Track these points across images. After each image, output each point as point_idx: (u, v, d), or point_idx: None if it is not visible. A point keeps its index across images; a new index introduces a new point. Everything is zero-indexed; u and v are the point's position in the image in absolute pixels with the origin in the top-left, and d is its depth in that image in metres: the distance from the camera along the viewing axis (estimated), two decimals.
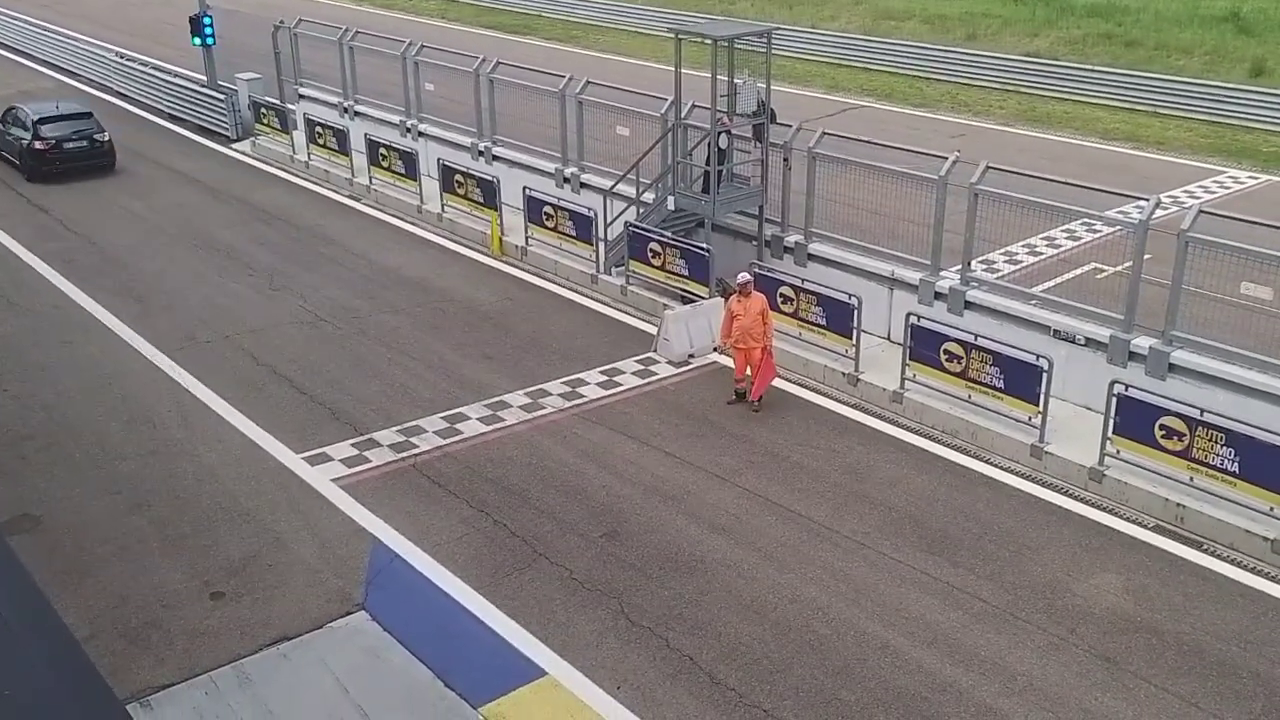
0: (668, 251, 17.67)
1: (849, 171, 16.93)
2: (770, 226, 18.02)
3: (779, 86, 20.38)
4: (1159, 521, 12.37)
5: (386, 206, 23.45)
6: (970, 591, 11.14)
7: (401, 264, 20.24)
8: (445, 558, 11.61)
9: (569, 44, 40.73)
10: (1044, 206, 15.15)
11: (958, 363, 14.21)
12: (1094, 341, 14.27)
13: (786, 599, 11.00)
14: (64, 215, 22.86)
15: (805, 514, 12.45)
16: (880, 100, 32.75)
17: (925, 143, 22.07)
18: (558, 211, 19.77)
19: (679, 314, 16.68)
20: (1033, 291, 15.80)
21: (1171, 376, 13.54)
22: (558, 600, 10.96)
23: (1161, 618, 10.79)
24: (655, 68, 31.73)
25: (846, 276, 16.71)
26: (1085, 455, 13.14)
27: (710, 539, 11.99)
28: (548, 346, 16.73)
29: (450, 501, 12.69)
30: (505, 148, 22.60)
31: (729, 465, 13.47)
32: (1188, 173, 25.21)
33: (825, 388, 15.55)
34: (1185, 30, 35.16)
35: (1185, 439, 12.24)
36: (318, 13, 35.81)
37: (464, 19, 45.40)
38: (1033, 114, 30.81)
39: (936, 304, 15.81)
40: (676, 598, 11.00)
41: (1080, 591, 11.17)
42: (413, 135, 24.48)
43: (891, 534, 12.10)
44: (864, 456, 13.75)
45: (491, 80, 22.47)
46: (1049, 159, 24.61)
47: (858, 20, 40.62)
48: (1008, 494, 12.98)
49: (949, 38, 37.36)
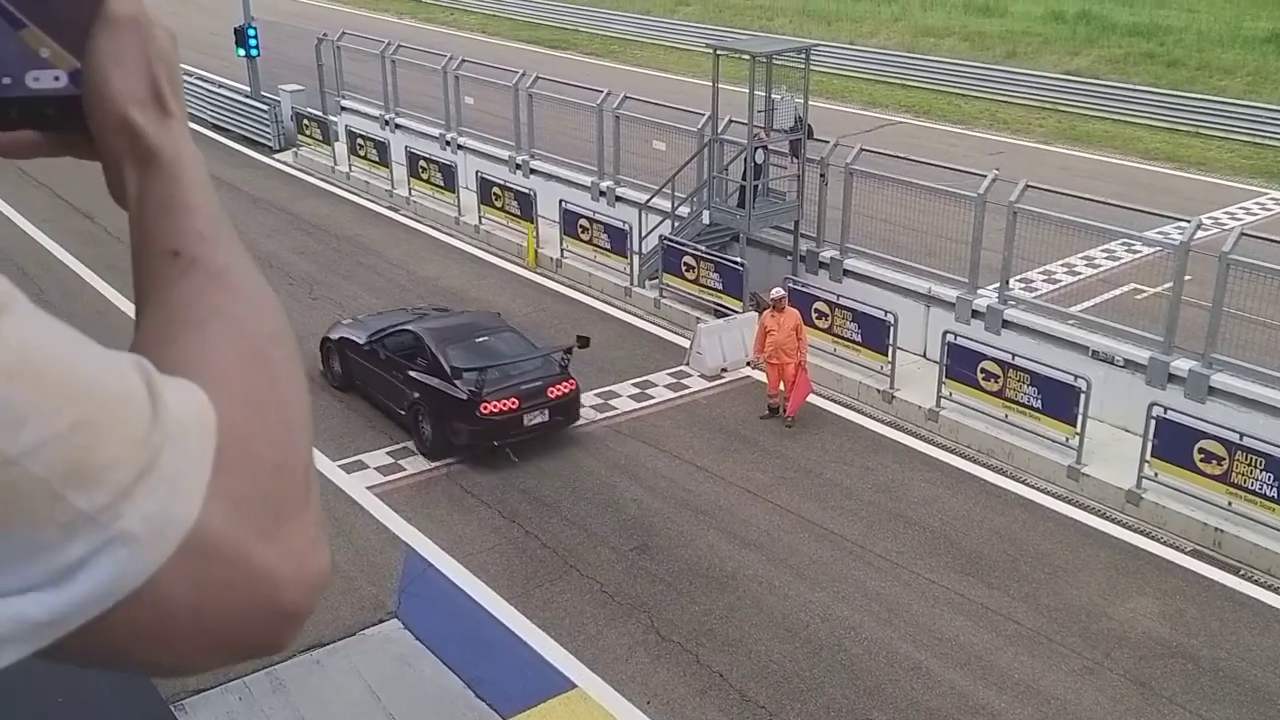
0: (702, 265, 17.69)
1: (886, 188, 16.89)
2: (806, 242, 18.00)
3: (816, 102, 20.39)
4: (1196, 545, 12.23)
5: (425, 218, 23.63)
6: (1005, 613, 11.05)
7: (439, 274, 20.38)
8: (477, 567, 11.66)
9: (607, 59, 40.92)
10: (1083, 226, 15.04)
11: (995, 381, 14.12)
12: (1133, 363, 14.14)
13: (818, 617, 10.95)
14: (109, 223, 23.21)
15: (838, 532, 12.41)
16: (918, 116, 32.65)
17: (963, 160, 21.99)
18: (593, 224, 19.85)
19: (712, 328, 16.69)
20: (1071, 311, 15.68)
21: (1211, 399, 13.39)
22: (588, 613, 10.97)
23: (1198, 643, 10.66)
24: (693, 82, 31.81)
25: (882, 293, 16.65)
26: (1123, 477, 13.01)
27: (742, 555, 11.97)
28: (581, 358, 16.77)
29: (483, 511, 12.75)
30: (542, 161, 22.72)
31: (761, 481, 13.44)
32: (1229, 194, 24.95)
33: (860, 404, 15.49)
34: (1228, 51, 34.82)
35: (1224, 463, 12.10)
36: (360, 26, 36.20)
37: (504, 33, 45.72)
38: (1073, 132, 30.61)
39: (974, 322, 15.71)
40: (707, 613, 10.99)
41: (1116, 615, 11.06)
42: (452, 148, 24.66)
43: (925, 554, 12.03)
44: (898, 475, 13.68)
45: (530, 94, 22.62)
46: (1089, 178, 24.44)
47: (896, 37, 40.54)
48: (1044, 515, 12.87)
49: (989, 55, 37.21)
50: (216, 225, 0.90)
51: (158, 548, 0.67)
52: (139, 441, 0.67)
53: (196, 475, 0.70)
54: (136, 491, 0.67)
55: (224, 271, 0.87)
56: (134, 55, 0.89)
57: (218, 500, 0.71)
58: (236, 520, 0.73)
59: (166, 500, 0.68)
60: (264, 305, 0.88)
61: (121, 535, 0.67)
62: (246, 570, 0.73)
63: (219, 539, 0.71)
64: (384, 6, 51.69)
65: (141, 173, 0.89)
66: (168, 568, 0.68)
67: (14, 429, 0.63)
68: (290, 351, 0.87)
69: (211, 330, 0.82)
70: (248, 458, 0.75)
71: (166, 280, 0.86)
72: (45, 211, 23.65)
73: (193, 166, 0.91)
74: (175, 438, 0.70)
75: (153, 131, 0.89)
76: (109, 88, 0.88)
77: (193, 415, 0.72)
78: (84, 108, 0.89)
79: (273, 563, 0.75)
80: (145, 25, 0.90)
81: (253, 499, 0.75)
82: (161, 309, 0.85)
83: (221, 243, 0.89)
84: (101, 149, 0.91)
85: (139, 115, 0.89)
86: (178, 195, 0.89)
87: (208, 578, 0.71)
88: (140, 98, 0.89)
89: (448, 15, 50.33)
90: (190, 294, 0.85)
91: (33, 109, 0.90)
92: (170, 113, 0.91)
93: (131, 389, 0.69)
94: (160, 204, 0.89)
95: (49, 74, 0.89)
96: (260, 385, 0.80)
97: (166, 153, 0.89)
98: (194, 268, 0.86)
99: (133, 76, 0.89)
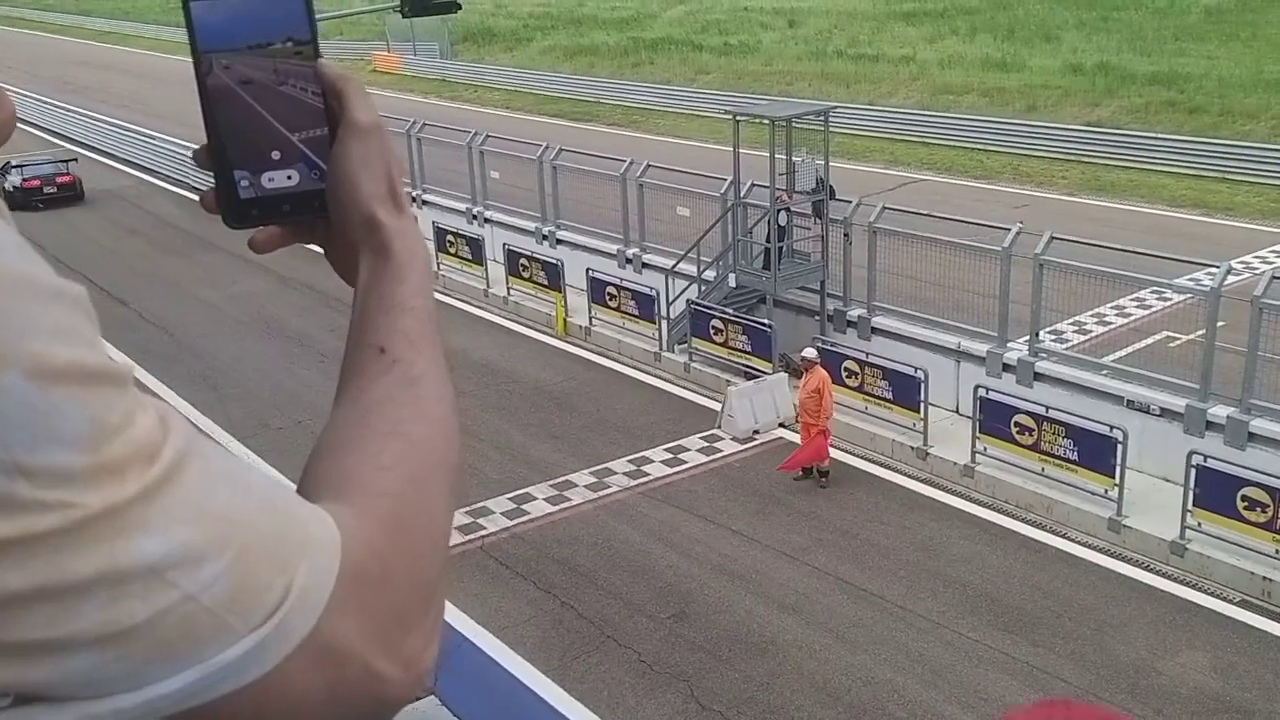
0: (730, 328, 17.72)
1: (910, 245, 16.91)
2: (832, 301, 18.01)
3: (838, 162, 20.53)
4: (1245, 596, 11.96)
5: (454, 291, 23.85)
6: (1051, 671, 10.82)
7: (469, 346, 20.52)
8: (513, 640, 11.57)
9: (629, 129, 41.43)
10: (1112, 275, 14.96)
11: (1029, 435, 13.98)
12: (1169, 411, 13.96)
13: (860, 681, 10.77)
14: (142, 307, 23.58)
15: (877, 593, 12.24)
16: (940, 173, 32.76)
17: (988, 214, 22.00)
18: (620, 291, 19.96)
19: (743, 390, 16.66)
20: (1104, 361, 15.55)
21: (1251, 446, 13.17)
22: (627, 683, 10.84)
23: (1252, 696, 10.38)
24: (714, 149, 32.12)
25: (911, 349, 16.58)
26: (1165, 528, 12.79)
27: (780, 619, 11.82)
28: (613, 425, 16.78)
29: (518, 583, 12.68)
30: (569, 231, 22.94)
31: (797, 543, 13.31)
32: (1258, 238, 24.77)
33: (894, 462, 15.36)
34: (1250, 95, 34.79)
35: (1269, 510, 11.87)
36: (386, 107, 36.78)
37: (527, 108, 46.45)
38: (1097, 183, 30.58)
39: (1005, 376, 15.61)
40: (747, 680, 10.83)
41: (1166, 670, 10.80)
42: (479, 222, 24.97)
43: (967, 612, 11.83)
44: (936, 532, 13.51)
45: (554, 166, 22.91)
46: (1116, 228, 24.36)
47: (915, 96, 40.84)
48: (1086, 569, 12.65)
49: (1008, 110, 37.37)
50: (424, 330, 0.99)
51: (276, 653, 0.74)
52: (287, 566, 0.74)
53: (319, 591, 0.76)
54: (278, 608, 0.73)
55: (419, 381, 0.95)
56: (378, 158, 1.01)
57: (344, 612, 0.78)
58: (360, 631, 0.80)
59: (295, 610, 0.74)
60: (443, 422, 0.95)
61: (255, 640, 0.73)
62: (364, 673, 0.80)
63: (339, 646, 0.78)
64: (409, 87, 52.72)
65: (374, 263, 1.00)
66: (287, 667, 0.74)
67: (195, 567, 0.69)
68: (450, 477, 0.94)
69: (388, 451, 0.90)
70: (383, 579, 0.83)
71: (368, 375, 0.96)
72: None
73: (418, 267, 1.01)
74: (311, 558, 0.76)
75: (391, 226, 1.00)
76: (359, 191, 1.00)
77: (325, 539, 0.79)
78: (330, 205, 1.01)
79: (389, 668, 0.82)
80: (385, 132, 1.02)
81: (382, 613, 0.82)
82: (355, 407, 0.94)
83: (424, 349, 0.97)
84: (339, 239, 1.03)
85: (382, 212, 1.00)
86: (397, 294, 0.98)
87: (324, 679, 0.77)
88: (382, 195, 1.00)
89: (471, 93, 51.25)
90: (383, 398, 0.94)
91: (270, 207, 1.01)
92: (403, 208, 1.02)
93: (280, 521, 0.76)
94: (381, 299, 0.98)
95: (282, 174, 1.00)
96: (413, 512, 0.88)
97: (400, 251, 1.00)
98: (394, 369, 0.95)
99: (377, 177, 1.00)
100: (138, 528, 0.67)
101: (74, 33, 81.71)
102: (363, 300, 1.00)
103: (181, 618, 0.69)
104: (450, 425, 0.96)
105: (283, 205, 1.01)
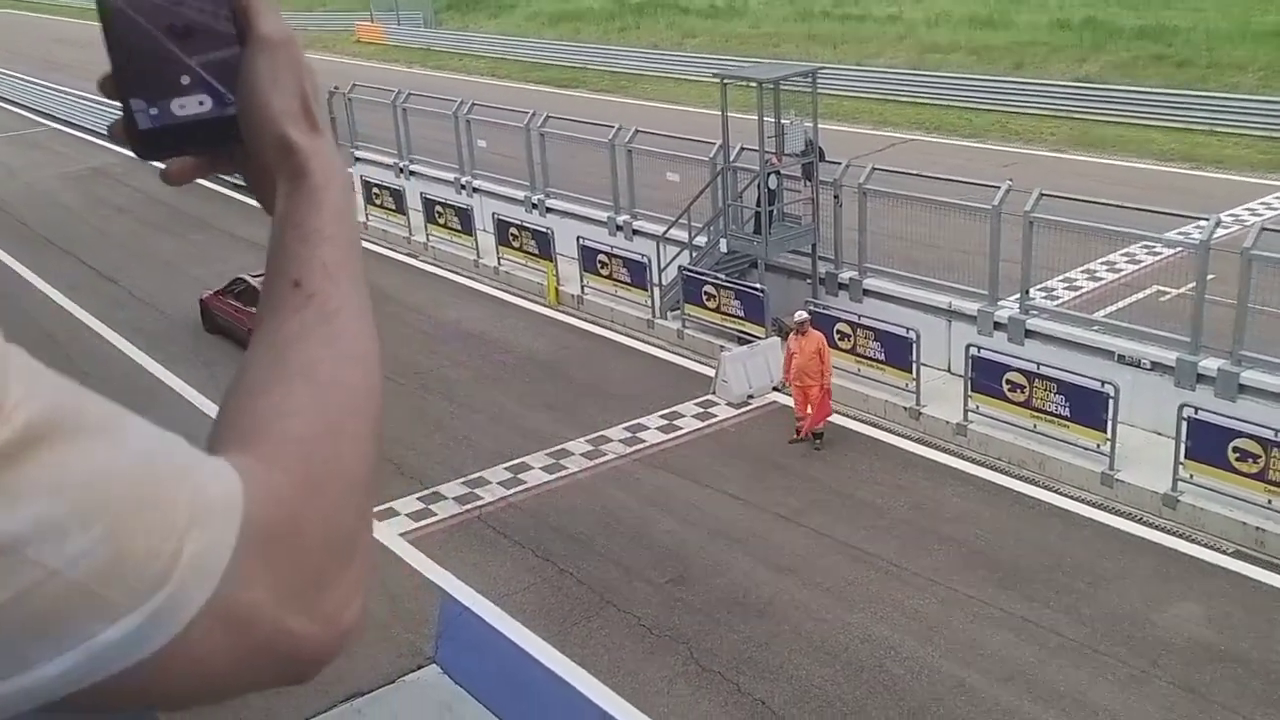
0: (722, 293, 17.72)
1: (901, 205, 16.89)
2: (824, 264, 18.01)
3: (827, 124, 20.46)
4: (1238, 546, 12.07)
5: (444, 262, 23.80)
6: (1046, 625, 10.94)
7: (460, 318, 20.51)
8: (513, 608, 11.66)
9: (617, 94, 41.19)
10: (1102, 231, 14.98)
11: (1021, 392, 14.04)
12: (1160, 365, 14.03)
13: (858, 639, 10.88)
14: (132, 285, 23.51)
15: (873, 552, 12.33)
16: (929, 133, 32.66)
17: (977, 173, 21.95)
18: (612, 259, 19.93)
19: (736, 355, 16.69)
20: (1094, 317, 15.59)
21: (1242, 397, 13.25)
22: (627, 647, 10.94)
23: (1246, 646, 10.50)
24: (703, 113, 31.96)
25: (903, 310, 16.61)
26: (1158, 481, 12.88)
27: (778, 580, 11.91)
28: (607, 393, 16.81)
29: (516, 552, 12.76)
30: (558, 199, 22.87)
31: (793, 505, 13.39)
32: (1248, 190, 24.77)
33: (887, 422, 15.43)
34: (1238, 47, 34.67)
35: (1260, 460, 11.96)
36: (371, 77, 36.64)
37: (514, 76, 46.14)
38: (1085, 139, 30.52)
39: (996, 334, 15.65)
40: (746, 641, 10.93)
41: (1160, 622, 10.92)
42: (467, 191, 24.87)
43: (962, 569, 11.93)
44: (930, 491, 13.60)
45: (542, 134, 22.80)
46: (1105, 183, 24.34)
47: (903, 55, 40.63)
48: (1079, 524, 12.75)
49: (996, 67, 37.20)
50: (343, 260, 0.92)
51: (173, 623, 0.70)
52: (171, 532, 0.69)
53: (218, 554, 0.72)
54: (166, 578, 0.69)
55: (336, 315, 0.89)
56: (288, 75, 0.94)
57: (250, 573, 0.73)
58: (270, 591, 0.75)
59: (188, 578, 0.70)
60: (361, 360, 0.89)
61: (145, 614, 0.69)
62: (276, 634, 0.76)
63: (245, 610, 0.74)
64: (394, 57, 52.32)
65: (290, 189, 0.93)
66: (188, 635, 0.70)
67: (58, 541, 0.65)
68: (367, 421, 0.87)
69: (298, 393, 0.84)
70: (293, 534, 0.77)
71: (282, 312, 0.89)
72: (71, 278, 23.99)
73: (335, 191, 0.95)
74: (203, 520, 0.72)
75: (306, 146, 0.93)
76: (270, 109, 0.93)
77: (223, 496, 0.74)
78: (241, 127, 0.94)
79: (305, 626, 0.78)
80: (295, 46, 0.95)
81: (294, 570, 0.77)
82: (268, 347, 0.87)
83: (342, 281, 0.91)
84: (255, 165, 0.96)
85: (295, 132, 0.93)
86: (314, 221, 0.92)
87: (230, 642, 0.73)
88: (294, 114, 0.94)
89: (457, 62, 50.87)
90: (296, 336, 0.87)
91: (182, 136, 0.94)
92: (318, 126, 0.96)
93: (165, 480, 0.71)
94: (298, 228, 0.92)
95: (193, 99, 0.93)
96: (324, 462, 0.82)
97: (316, 173, 0.93)
98: (310, 304, 0.89)
99: (289, 95, 0.94)
100: None
101: (59, 11, 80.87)
102: (280, 229, 0.93)
103: (51, 596, 0.65)
104: (370, 364, 0.90)
105: (196, 133, 0.94)
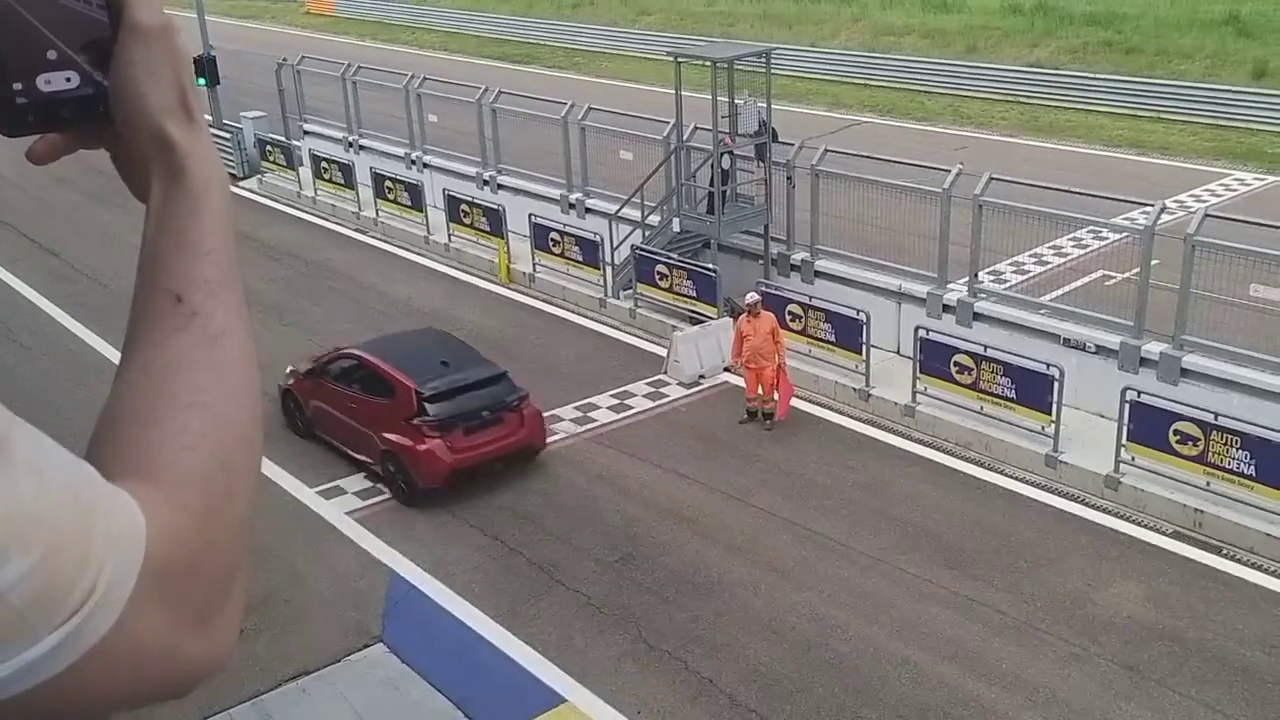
0: (675, 273, 17.70)
1: (853, 188, 16.95)
2: (776, 245, 18.04)
3: (781, 105, 20.46)
4: (1177, 527, 12.30)
5: (394, 238, 23.57)
6: (989, 604, 11.08)
7: (411, 295, 20.32)
8: (461, 587, 11.61)
9: (571, 71, 40.95)
10: (1049, 216, 15.13)
11: (969, 374, 14.18)
12: (1105, 348, 14.23)
13: (805, 618, 10.96)
14: (74, 259, 23.04)
15: (821, 532, 12.42)
16: (882, 115, 32.81)
17: (929, 156, 22.09)
18: (564, 237, 19.84)
19: (688, 335, 16.69)
20: (1041, 301, 15.77)
21: (1184, 381, 13.48)
22: (575, 626, 10.94)
23: (1183, 624, 10.72)
24: (657, 91, 31.88)
25: (854, 292, 16.69)
26: (1100, 463, 13.08)
27: (726, 560, 11.96)
28: (558, 372, 16.75)
29: (464, 531, 12.70)
30: (510, 176, 22.71)
31: (742, 485, 13.45)
32: (1194, 176, 25.17)
33: (836, 404, 15.52)
34: (1185, 35, 35.14)
35: (1200, 443, 12.18)
36: (322, 50, 36.14)
37: (468, 50, 45.69)
38: (1035, 124, 30.82)
39: (945, 316, 15.78)
40: (694, 620, 10.97)
41: (1100, 601, 11.11)
42: (418, 167, 24.62)
43: (908, 549, 12.06)
44: (878, 472, 13.71)
45: (495, 110, 22.60)
46: (1054, 168, 24.60)
47: (857, 37, 40.74)
48: (1024, 505, 12.93)
49: (949, 51, 37.42)
50: (224, 276, 0.92)
51: (78, 648, 0.72)
52: (90, 563, 0.72)
53: (122, 587, 0.75)
54: (80, 606, 0.72)
55: (220, 340, 0.88)
56: (165, 65, 0.91)
57: (148, 605, 0.76)
58: (164, 622, 0.78)
59: (96, 609, 0.73)
60: (247, 390, 0.90)
61: (58, 639, 0.72)
62: (167, 660, 0.80)
63: (141, 639, 0.76)
64: (345, 29, 51.62)
65: (167, 186, 0.91)
66: (87, 661, 0.73)
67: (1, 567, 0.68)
68: (254, 453, 0.90)
69: (193, 426, 0.85)
70: (189, 570, 0.80)
71: (162, 329, 0.88)
72: (11, 251, 23.47)
73: (216, 194, 0.93)
74: (114, 553, 0.74)
75: (183, 142, 0.91)
76: (146, 101, 0.90)
77: (129, 531, 0.76)
78: (115, 115, 0.91)
79: (194, 651, 0.82)
80: (172, 34, 0.92)
81: (187, 604, 0.80)
82: (152, 368, 0.86)
83: (224, 299, 0.91)
84: (126, 150, 0.93)
85: (172, 126, 0.91)
86: (194, 230, 0.91)
87: (124, 666, 0.76)
88: (171, 107, 0.91)
89: (410, 35, 50.29)
90: (182, 360, 0.87)
91: (49, 112, 0.91)
92: (195, 119, 0.93)
93: (84, 514, 0.74)
94: (176, 235, 0.90)
95: (60, 75, 0.89)
96: (221, 499, 0.85)
97: (195, 174, 0.91)
98: (193, 323, 0.88)
99: (165, 87, 0.91)
100: None
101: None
102: (155, 232, 0.91)
103: None
104: (253, 393, 0.91)
105: (62, 111, 0.91)
